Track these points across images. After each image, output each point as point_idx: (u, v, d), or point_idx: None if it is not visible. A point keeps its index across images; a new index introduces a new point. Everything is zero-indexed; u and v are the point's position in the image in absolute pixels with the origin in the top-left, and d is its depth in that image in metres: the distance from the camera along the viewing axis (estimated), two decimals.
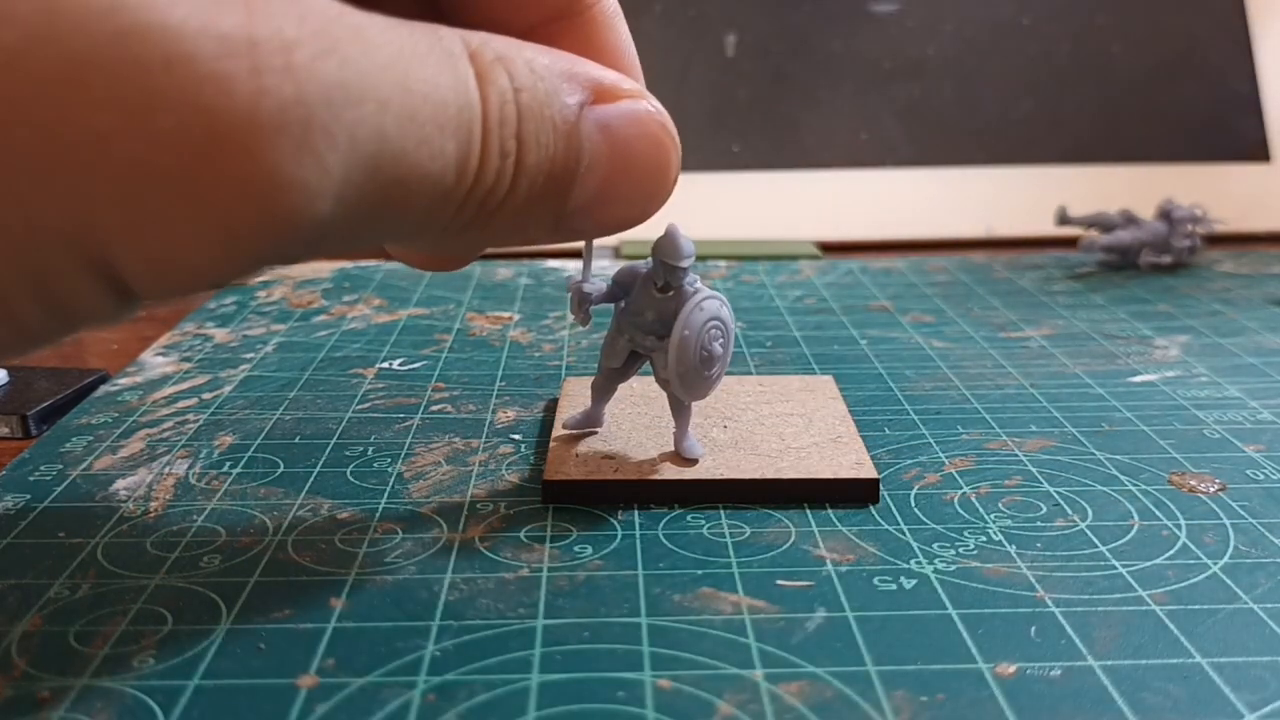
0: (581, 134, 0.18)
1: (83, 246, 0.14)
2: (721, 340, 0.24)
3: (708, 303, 0.24)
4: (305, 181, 0.14)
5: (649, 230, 0.23)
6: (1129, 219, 0.48)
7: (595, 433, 0.27)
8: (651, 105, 0.20)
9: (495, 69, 0.17)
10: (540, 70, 0.18)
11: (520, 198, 0.18)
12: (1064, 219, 0.49)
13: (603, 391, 0.27)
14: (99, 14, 0.13)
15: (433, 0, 0.22)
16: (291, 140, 0.14)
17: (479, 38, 0.17)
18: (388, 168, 0.16)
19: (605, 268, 0.34)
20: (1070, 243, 0.51)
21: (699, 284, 0.24)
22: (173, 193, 0.14)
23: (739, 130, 0.57)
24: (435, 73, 0.16)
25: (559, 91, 0.18)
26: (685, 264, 0.23)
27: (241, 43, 0.14)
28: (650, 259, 0.24)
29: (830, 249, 0.53)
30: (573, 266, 0.47)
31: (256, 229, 0.14)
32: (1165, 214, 0.48)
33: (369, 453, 0.28)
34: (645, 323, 0.24)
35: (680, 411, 0.25)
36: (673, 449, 0.26)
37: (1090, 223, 0.49)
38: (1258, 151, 0.58)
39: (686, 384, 0.24)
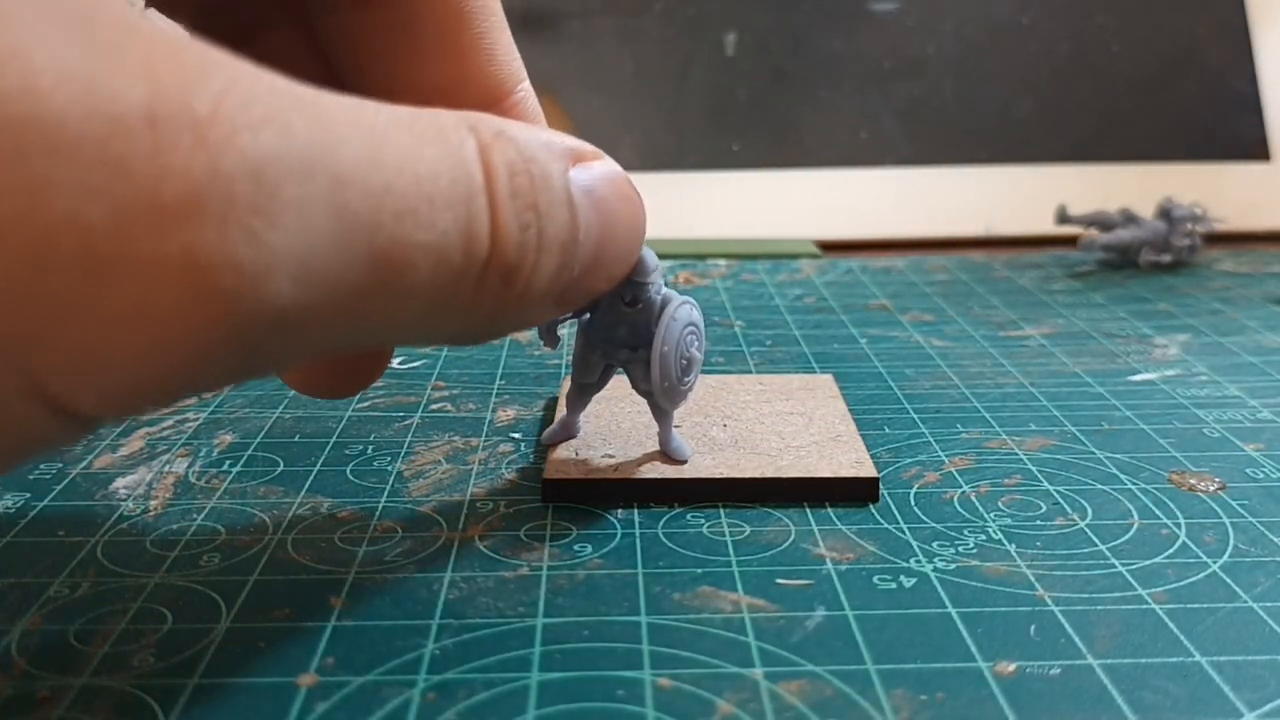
0: (574, 203, 0.18)
1: (6, 372, 0.13)
2: (698, 344, 0.24)
3: (680, 311, 0.24)
4: (237, 259, 0.13)
5: None
6: (1129, 218, 0.48)
7: (595, 433, 0.27)
8: (617, 166, 0.20)
9: (500, 141, 0.17)
10: (534, 148, 0.17)
11: (548, 273, 0.17)
12: (1064, 218, 0.49)
13: (577, 402, 0.26)
14: None
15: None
16: (211, 218, 0.13)
17: (475, 115, 0.17)
18: (363, 243, 0.14)
19: None
20: (1070, 241, 0.51)
21: (663, 289, 0.24)
22: (81, 282, 0.12)
23: (739, 129, 0.57)
24: (417, 145, 0.15)
25: (551, 163, 0.18)
26: (654, 278, 0.23)
27: (138, 121, 0.12)
28: None
29: (830, 248, 0.53)
30: None
31: (188, 316, 0.13)
32: (1165, 213, 0.48)
33: (369, 451, 0.28)
34: (617, 338, 0.24)
35: (662, 414, 0.25)
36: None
37: (1090, 221, 0.49)
38: (1258, 151, 0.58)
39: (670, 395, 0.24)
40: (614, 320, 0.24)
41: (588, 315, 0.24)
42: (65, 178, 0.12)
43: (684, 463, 0.25)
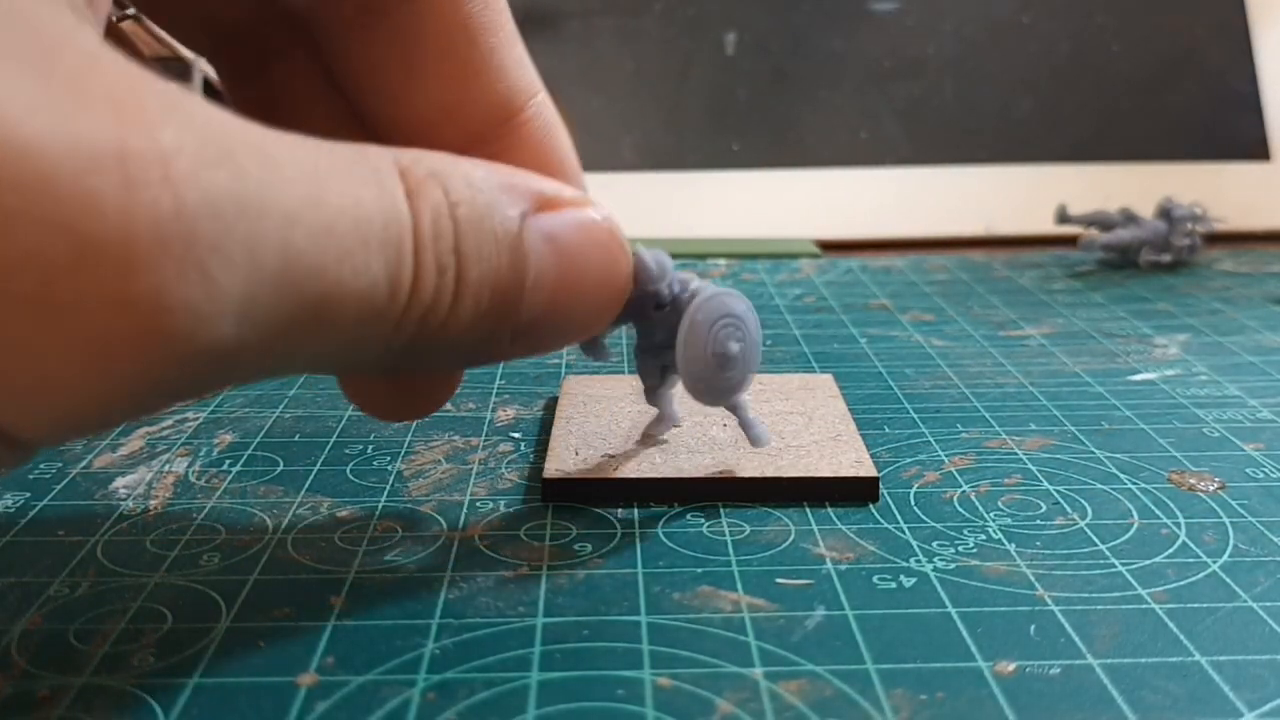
0: (526, 246, 0.18)
1: None
2: (737, 335, 0.23)
3: (704, 309, 0.23)
4: (192, 301, 0.13)
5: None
6: (1129, 217, 0.48)
7: (596, 432, 0.27)
8: (597, 212, 0.19)
9: (428, 184, 0.17)
10: (478, 183, 0.17)
11: (466, 315, 0.17)
12: (1064, 217, 0.49)
13: (657, 400, 0.26)
14: None
15: (363, 121, 0.22)
16: (173, 258, 0.13)
17: (411, 155, 0.17)
18: (303, 284, 0.15)
19: None
20: (1070, 241, 0.51)
21: (694, 284, 0.23)
22: (35, 319, 0.12)
23: (739, 129, 0.57)
24: (356, 187, 0.15)
25: (499, 204, 0.18)
26: (661, 286, 0.22)
27: (110, 156, 0.12)
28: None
29: (830, 247, 0.53)
30: None
31: (141, 356, 0.13)
32: (1165, 212, 0.48)
33: (369, 451, 0.28)
34: (658, 342, 0.24)
35: (733, 405, 0.25)
36: (673, 447, 0.26)
37: (1090, 221, 0.49)
38: (1258, 150, 0.58)
39: (707, 394, 0.24)
40: (650, 328, 0.23)
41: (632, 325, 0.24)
42: (32, 211, 0.12)
43: (762, 446, 0.25)
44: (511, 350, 0.19)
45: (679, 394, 0.25)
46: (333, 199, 0.15)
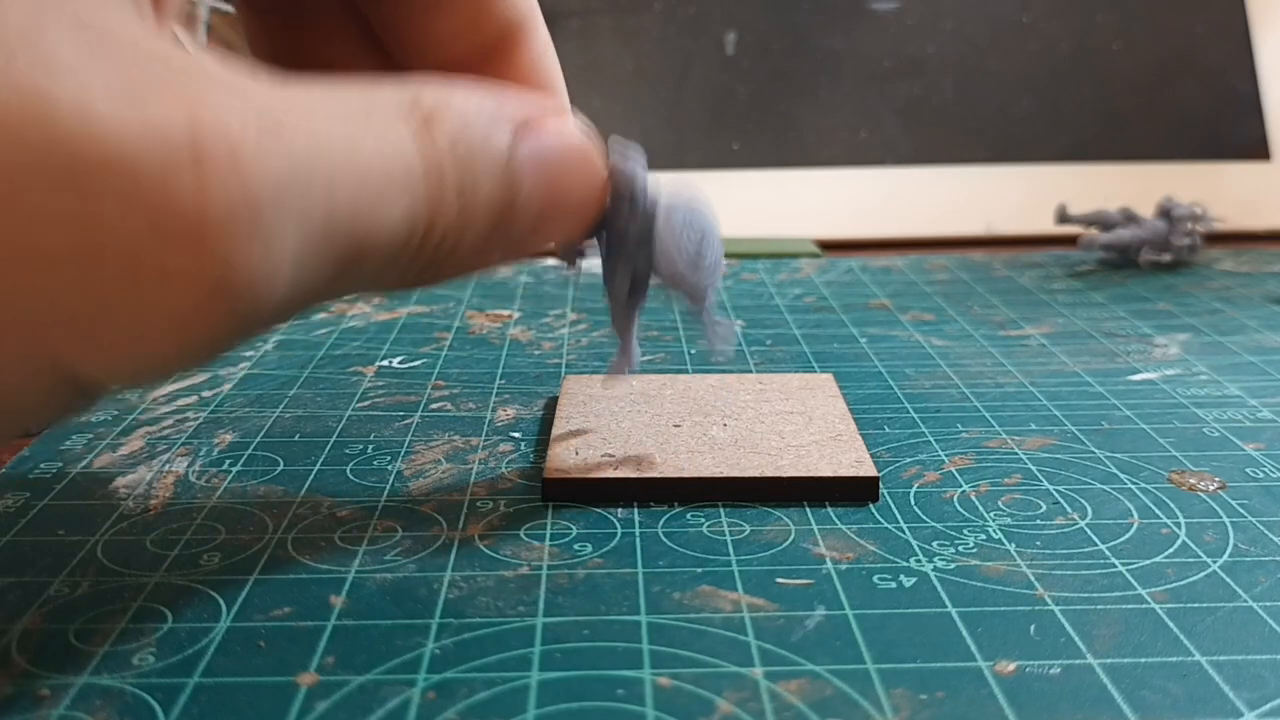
0: (515, 170, 0.19)
1: (38, 357, 0.14)
2: (708, 231, 0.24)
3: (679, 203, 0.23)
4: (257, 271, 0.15)
5: None
6: (1129, 217, 0.48)
7: (596, 431, 0.27)
8: (576, 126, 0.21)
9: (431, 126, 0.18)
10: (472, 116, 0.18)
11: (470, 239, 0.19)
12: (1064, 217, 0.49)
13: (623, 326, 0.25)
14: (32, 123, 0.13)
15: (366, 28, 0.23)
16: (240, 236, 0.14)
17: (411, 91, 0.18)
18: (344, 236, 0.16)
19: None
20: (1070, 241, 0.51)
21: (658, 186, 0.23)
22: (122, 294, 0.14)
23: (739, 128, 0.57)
24: (377, 135, 0.16)
25: (492, 135, 0.19)
26: (637, 189, 0.23)
27: (184, 146, 0.14)
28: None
29: (830, 247, 0.53)
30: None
31: (209, 321, 0.15)
32: (1165, 212, 0.48)
33: (369, 450, 0.28)
34: (630, 247, 0.23)
35: (699, 307, 0.25)
36: (673, 447, 0.26)
37: (1090, 221, 0.49)
38: (1258, 150, 0.58)
39: (692, 280, 0.24)
40: (620, 233, 0.23)
41: (603, 234, 0.24)
42: (118, 200, 0.13)
43: (729, 351, 0.25)
44: (500, 260, 0.21)
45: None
46: (362, 151, 0.16)
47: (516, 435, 0.29)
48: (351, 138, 0.16)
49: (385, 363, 0.34)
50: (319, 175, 0.15)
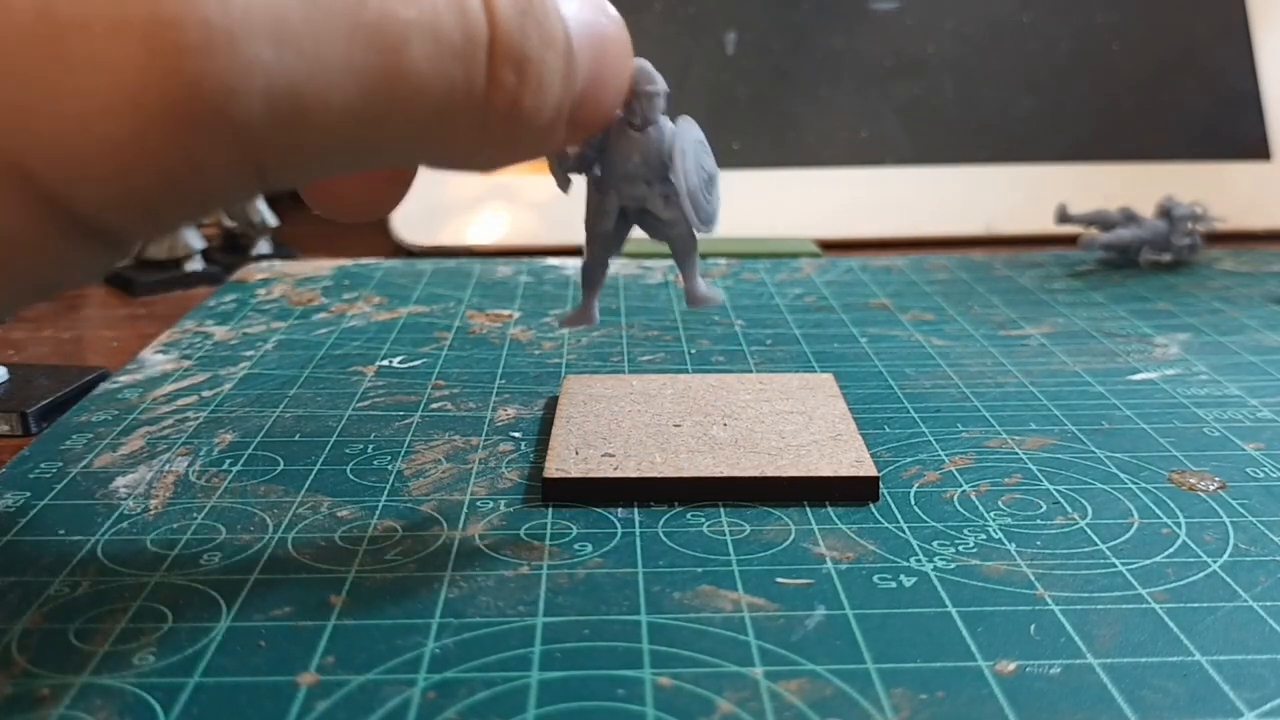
0: (573, 39, 0.18)
1: None
2: (709, 157, 0.23)
3: (687, 127, 0.23)
4: (204, 17, 0.13)
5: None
6: (1129, 217, 0.48)
7: (596, 431, 0.27)
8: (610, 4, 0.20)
9: None
10: None
11: (548, 109, 0.18)
12: (1064, 217, 0.49)
13: (594, 278, 0.25)
14: None
15: None
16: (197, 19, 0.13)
17: None
18: (341, 10, 0.14)
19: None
20: (1070, 240, 0.51)
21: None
22: (42, 57, 0.12)
23: (739, 128, 0.57)
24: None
25: (552, 2, 0.18)
26: (661, 88, 0.22)
27: None
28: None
29: (830, 247, 0.53)
30: (572, 265, 0.47)
31: (159, 83, 0.13)
32: (1165, 212, 0.48)
33: (369, 450, 0.28)
34: (633, 168, 0.23)
35: (686, 254, 0.25)
36: (674, 447, 0.26)
37: (1090, 220, 0.49)
38: (1258, 149, 0.58)
39: (699, 209, 0.23)
40: (626, 151, 0.23)
41: (596, 167, 0.23)
42: None
43: (717, 301, 0.24)
44: (571, 136, 0.20)
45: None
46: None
47: (517, 435, 0.29)
48: None
49: (385, 362, 0.35)
50: None
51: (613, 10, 0.20)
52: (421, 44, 0.15)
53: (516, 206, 0.54)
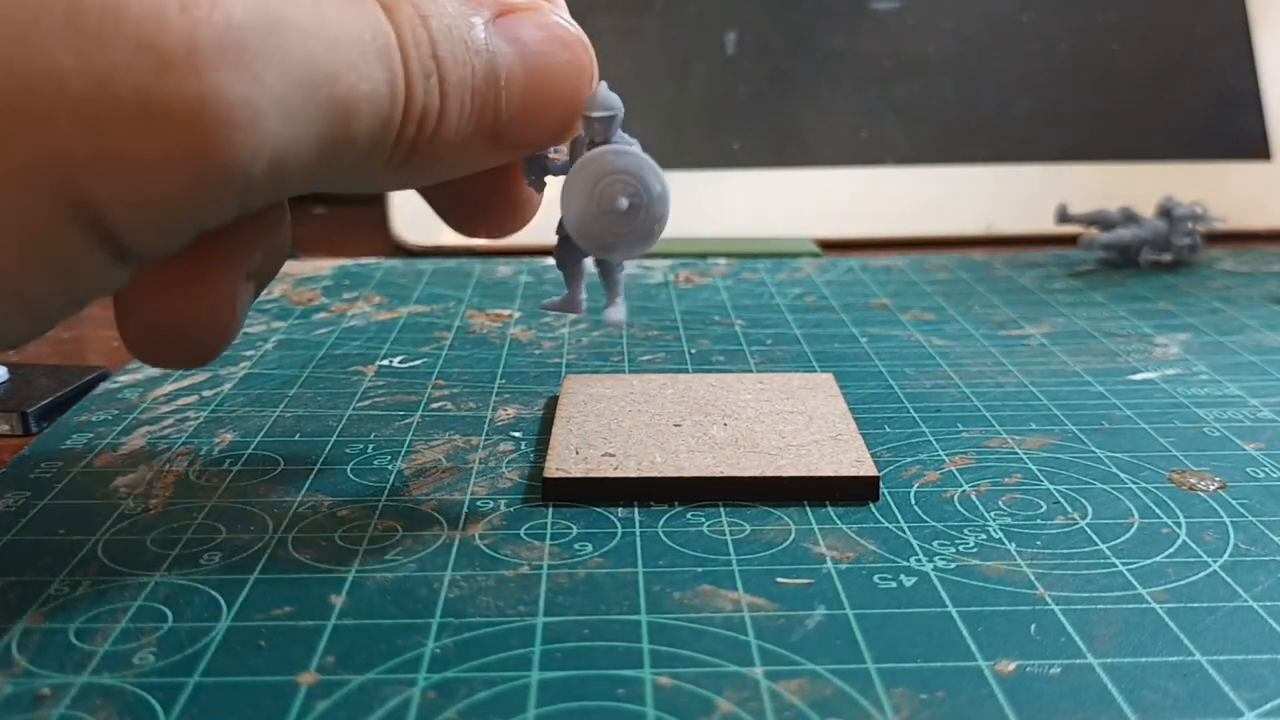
0: (494, 49, 0.20)
1: (59, 186, 0.15)
2: (630, 195, 0.22)
3: (613, 154, 0.22)
4: (248, 97, 0.16)
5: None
6: (1129, 217, 0.48)
7: (596, 430, 0.27)
8: (558, 15, 0.21)
9: (400, 3, 0.18)
10: (443, 3, 0.19)
11: (452, 118, 0.19)
12: (1064, 217, 0.49)
13: (570, 272, 0.25)
14: None
15: None
16: (230, 62, 0.16)
17: None
18: (324, 88, 0.17)
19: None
20: (1070, 240, 0.51)
21: (633, 146, 0.23)
22: (134, 120, 0.15)
23: (739, 128, 0.57)
24: (343, 7, 0.18)
25: (463, 14, 0.19)
26: (599, 114, 0.22)
27: None
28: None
29: (830, 247, 0.53)
30: None
31: (217, 145, 0.16)
32: (1166, 212, 0.48)
33: (369, 450, 0.28)
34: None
35: (608, 274, 0.24)
36: (674, 447, 0.26)
37: (1090, 220, 0.49)
38: (1258, 149, 0.58)
39: (588, 240, 0.23)
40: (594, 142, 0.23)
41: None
42: (117, 32, 0.15)
43: (619, 326, 0.24)
44: (495, 154, 0.21)
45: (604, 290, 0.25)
46: (331, 17, 0.17)
47: (517, 435, 0.29)
48: (319, 4, 0.17)
49: (385, 362, 0.35)
50: (292, 24, 0.17)
51: (571, 37, 0.21)
52: (367, 113, 0.18)
53: None
